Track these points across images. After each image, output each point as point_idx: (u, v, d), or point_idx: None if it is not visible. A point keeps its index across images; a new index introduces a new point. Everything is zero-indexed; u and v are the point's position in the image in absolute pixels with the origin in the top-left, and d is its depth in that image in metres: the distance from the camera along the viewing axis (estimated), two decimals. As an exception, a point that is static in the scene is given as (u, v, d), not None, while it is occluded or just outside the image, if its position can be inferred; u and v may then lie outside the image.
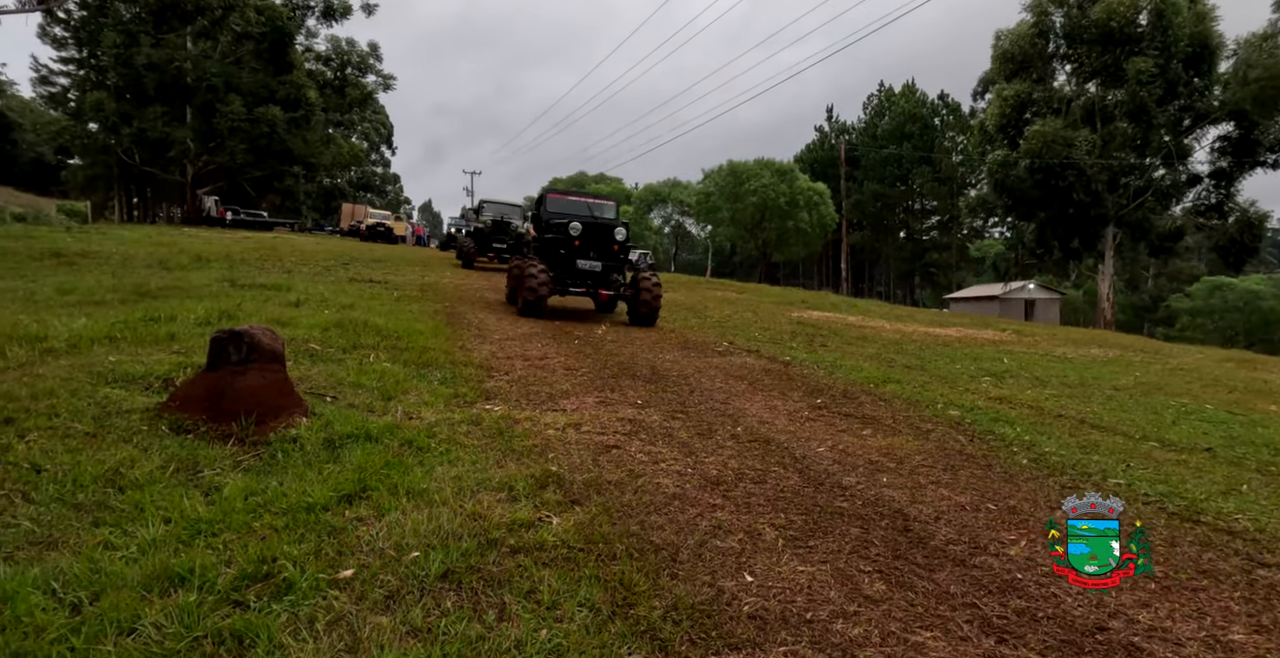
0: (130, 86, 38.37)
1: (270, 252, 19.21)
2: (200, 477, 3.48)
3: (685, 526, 3.30)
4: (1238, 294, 48.95)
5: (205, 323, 6.85)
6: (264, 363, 4.44)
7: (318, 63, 48.23)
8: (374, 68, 51.30)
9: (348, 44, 49.17)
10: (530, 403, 5.44)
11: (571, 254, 10.93)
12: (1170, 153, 29.22)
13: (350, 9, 44.81)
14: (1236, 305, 48.95)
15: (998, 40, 31.26)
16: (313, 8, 45.09)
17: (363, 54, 49.99)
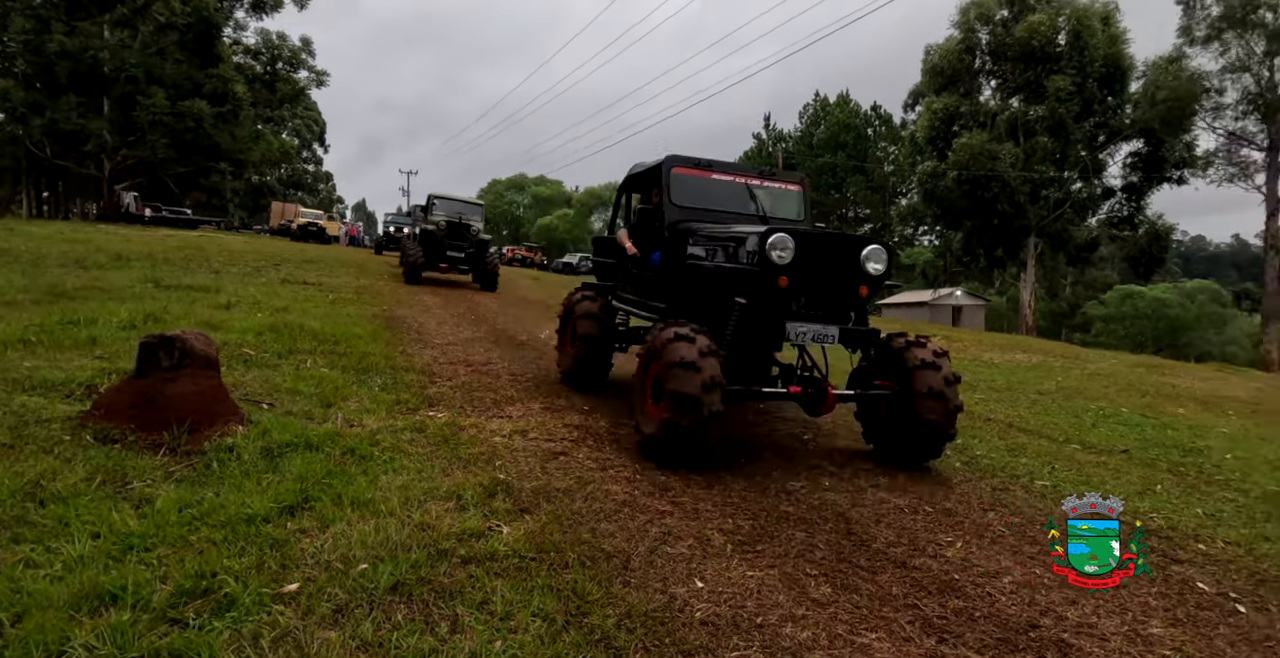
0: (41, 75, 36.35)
1: (196, 251, 18.44)
2: (129, 489, 3.33)
3: (636, 532, 3.32)
4: (1147, 302, 51.77)
5: (129, 326, 6.56)
6: (197, 369, 4.28)
7: (247, 56, 46.64)
8: (306, 63, 49.89)
9: (279, 38, 47.70)
10: (475, 410, 5.38)
11: None
12: (1087, 167, 30.71)
13: (281, 2, 43.50)
14: (1146, 313, 51.75)
15: (927, 55, 32.35)
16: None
17: (294, 49, 48.56)
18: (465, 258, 17.05)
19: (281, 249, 24.20)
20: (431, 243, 16.98)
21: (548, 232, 57.71)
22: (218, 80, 38.93)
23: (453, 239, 17.05)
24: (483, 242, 17.32)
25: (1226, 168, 27.39)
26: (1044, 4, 29.46)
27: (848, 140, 59.98)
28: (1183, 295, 53.38)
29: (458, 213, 17.91)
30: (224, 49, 41.52)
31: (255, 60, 47.37)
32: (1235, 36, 25.57)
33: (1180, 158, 28.78)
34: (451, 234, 17.05)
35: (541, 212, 63.19)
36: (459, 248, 17.04)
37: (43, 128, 35.28)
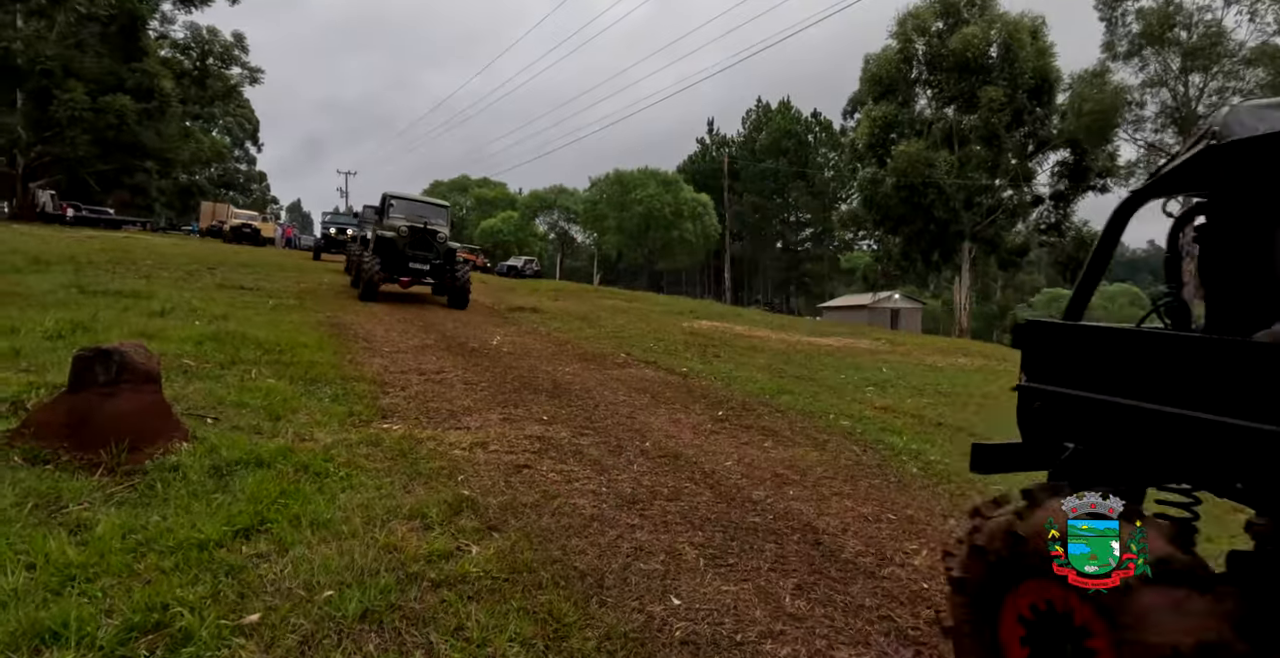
0: (-52, 66, 34.31)
1: (122, 254, 17.62)
2: (65, 513, 3.13)
3: (607, 549, 3.26)
4: (1072, 305, 54.04)
5: (56, 336, 6.20)
6: (136, 383, 4.05)
7: (174, 51, 44.90)
8: (239, 59, 48.38)
9: (209, 32, 46.09)
10: (431, 421, 5.24)
11: None
12: (1017, 175, 31.90)
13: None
14: (1071, 315, 54.00)
15: (867, 64, 33.17)
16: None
17: (226, 44, 47.02)
18: (431, 270, 14.32)
19: (214, 252, 23.33)
20: (390, 252, 14.00)
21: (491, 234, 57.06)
22: (142, 75, 37.35)
23: (416, 248, 14.19)
24: (450, 250, 14.63)
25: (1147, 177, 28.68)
26: (977, 17, 30.50)
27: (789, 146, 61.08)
28: (1105, 299, 55.90)
29: (420, 216, 15.04)
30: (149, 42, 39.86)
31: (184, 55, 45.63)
32: (1154, 53, 26.90)
33: (1104, 167, 30.14)
34: (415, 242, 14.15)
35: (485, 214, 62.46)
36: (423, 258, 14.21)
37: (-51, 122, 33.29)
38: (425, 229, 14.33)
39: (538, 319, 14.09)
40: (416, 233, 14.22)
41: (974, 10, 30.90)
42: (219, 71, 47.52)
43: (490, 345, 9.21)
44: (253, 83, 49.73)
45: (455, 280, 14.44)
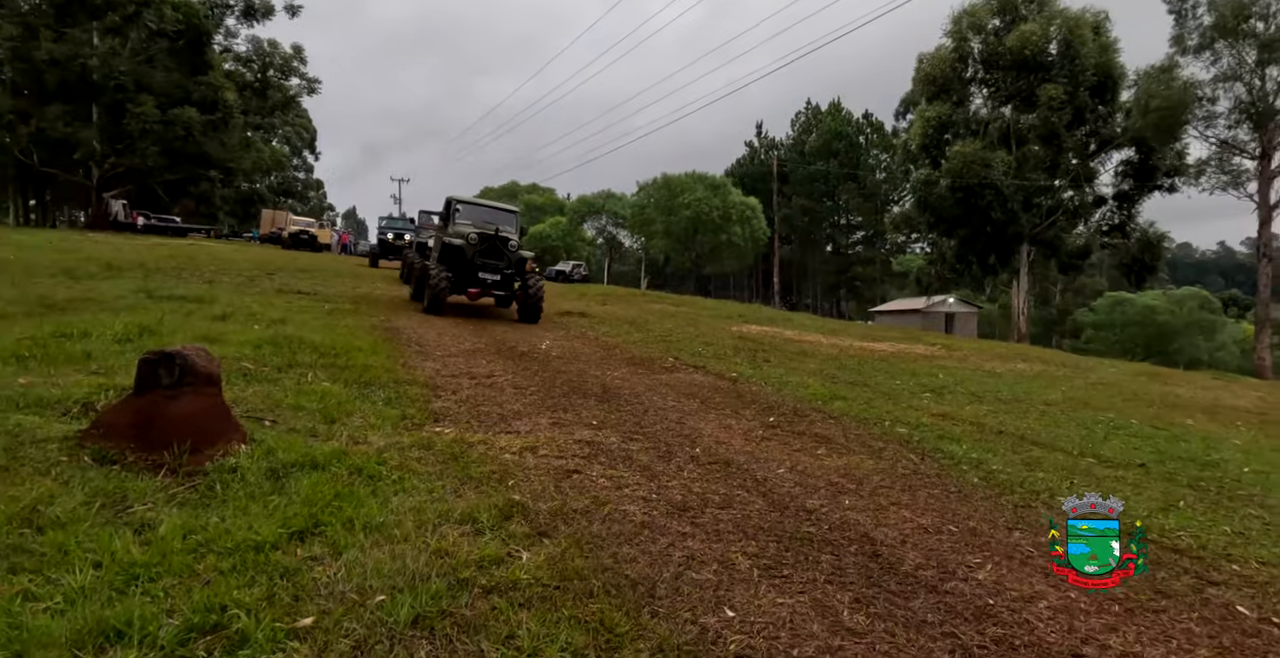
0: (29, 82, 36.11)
1: (187, 260, 18.28)
2: (130, 513, 3.20)
3: (658, 557, 3.20)
4: (1137, 309, 52.07)
5: (124, 339, 6.41)
6: (198, 386, 4.14)
7: (237, 64, 46.54)
8: (298, 71, 49.91)
9: (270, 45, 47.70)
10: (482, 425, 5.26)
11: None
12: (1078, 175, 30.89)
13: (273, 9, 43.46)
14: (1136, 319, 52.05)
15: (920, 64, 32.52)
16: (232, 6, 43.53)
17: (286, 56, 48.56)
18: (501, 281, 13.14)
19: (273, 258, 24.03)
20: (458, 261, 12.89)
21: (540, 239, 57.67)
22: (207, 88, 38.78)
23: (487, 256, 12.98)
24: (521, 260, 13.44)
25: (1219, 176, 27.58)
26: (1035, 13, 29.67)
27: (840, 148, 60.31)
28: (1172, 302, 53.72)
29: (489, 222, 13.86)
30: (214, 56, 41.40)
31: (246, 68, 47.25)
32: (1227, 46, 25.78)
33: (1171, 166, 28.98)
34: (486, 250, 12.95)
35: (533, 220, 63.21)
36: (494, 268, 13.00)
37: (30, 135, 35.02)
38: (497, 236, 13.09)
39: (586, 323, 14.12)
40: (487, 240, 13.01)
41: (1032, 7, 30.07)
42: (279, 83, 49.08)
43: (539, 350, 9.25)
44: (311, 93, 51.24)
45: (528, 292, 13.15)
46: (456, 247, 12.93)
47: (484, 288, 13.10)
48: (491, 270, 13.07)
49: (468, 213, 14.42)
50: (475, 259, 12.91)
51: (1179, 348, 49.60)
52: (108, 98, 36.19)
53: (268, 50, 47.39)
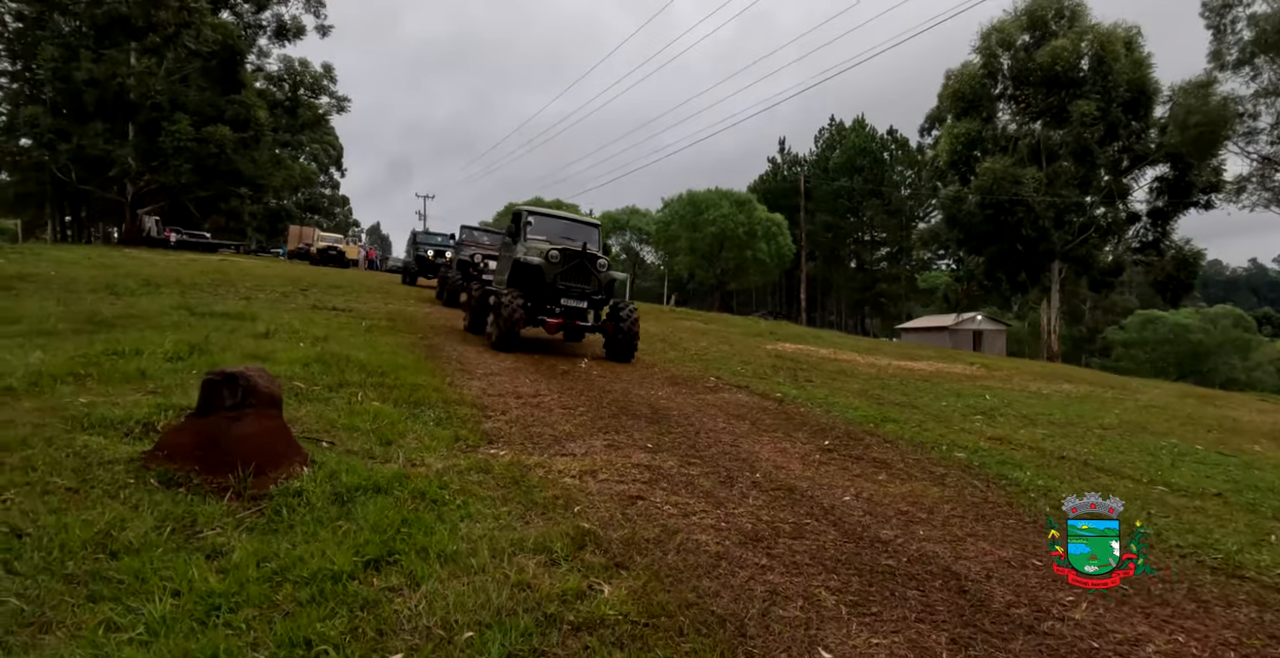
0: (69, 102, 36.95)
1: (221, 276, 18.47)
2: (200, 538, 3.15)
3: (741, 592, 3.09)
4: (1168, 327, 51.14)
5: (175, 357, 6.42)
6: (261, 407, 4.10)
7: (268, 83, 47.37)
8: (328, 89, 50.69)
9: (300, 64, 48.48)
10: (536, 447, 5.18)
11: None
12: (1111, 192, 30.51)
13: (304, 29, 44.26)
14: (1167, 338, 51.11)
15: (948, 80, 32.36)
16: (265, 27, 44.42)
17: (316, 75, 49.32)
18: (590, 307, 10.60)
19: (304, 274, 24.25)
20: (534, 284, 10.17)
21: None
22: (240, 106, 39.44)
23: (572, 279, 10.23)
24: (611, 282, 10.98)
25: (1261, 192, 27.08)
26: (1066, 29, 29.47)
27: (864, 164, 60.12)
28: (1205, 320, 52.71)
29: (568, 237, 11.25)
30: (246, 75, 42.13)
31: (277, 86, 48.07)
32: (1267, 61, 25.41)
33: (1208, 182, 28.53)
34: (571, 271, 10.19)
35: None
36: (580, 293, 10.24)
37: (69, 153, 35.76)
38: (584, 253, 10.31)
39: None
40: (572, 258, 10.21)
41: (1063, 23, 29.88)
42: (308, 101, 49.87)
43: (579, 368, 9.19)
44: (340, 111, 52.01)
45: (620, 324, 10.41)
46: (533, 266, 10.00)
47: (568, 317, 10.21)
48: (577, 296, 10.20)
49: (541, 226, 11.33)
50: (557, 282, 10.02)
51: (1213, 368, 48.61)
52: (143, 116, 36.93)
53: (298, 69, 48.18)
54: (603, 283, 10.62)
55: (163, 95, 36.45)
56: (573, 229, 11.71)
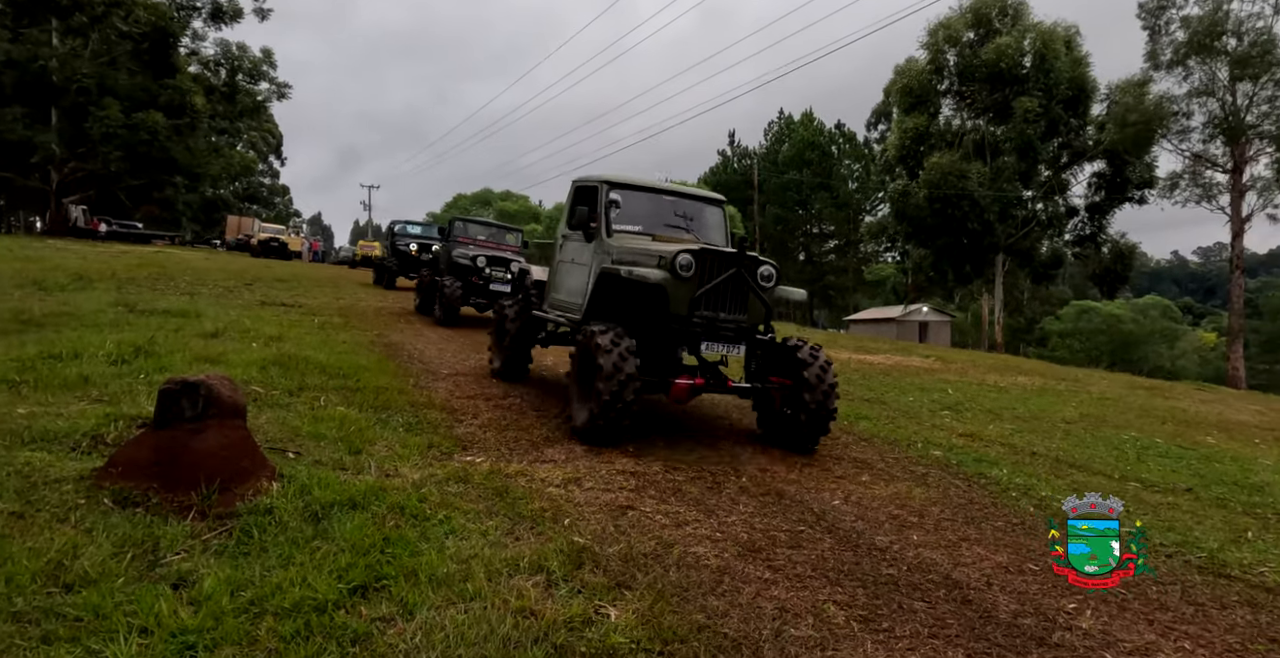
0: (-16, 84, 34.83)
1: (159, 269, 17.64)
2: (165, 565, 2.90)
3: (750, 610, 2.97)
4: (1102, 318, 53.05)
5: (119, 360, 6.01)
6: (224, 418, 3.83)
7: (204, 68, 45.39)
8: (267, 75, 48.81)
9: (239, 49, 46.56)
10: (515, 454, 4.99)
11: None
12: (1051, 187, 31.40)
13: (241, 12, 42.44)
14: (1101, 328, 53.01)
15: (897, 76, 32.79)
16: (199, 8, 42.48)
17: (255, 60, 47.41)
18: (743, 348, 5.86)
19: (246, 267, 23.40)
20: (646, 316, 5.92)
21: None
22: (174, 91, 37.73)
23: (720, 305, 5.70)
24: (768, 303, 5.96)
25: (1193, 189, 28.21)
26: (1009, 27, 30.12)
27: (812, 158, 60.67)
28: (1136, 311, 54.84)
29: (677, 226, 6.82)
30: (180, 59, 40.32)
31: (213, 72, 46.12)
32: (1199, 62, 26.39)
33: (1142, 178, 29.58)
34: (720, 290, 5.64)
35: (507, 227, 62.63)
36: (734, 329, 5.73)
37: (-15, 138, 33.73)
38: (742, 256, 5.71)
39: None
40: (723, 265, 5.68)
41: (1006, 21, 30.52)
42: (247, 87, 47.96)
43: (545, 365, 8.97)
44: (280, 98, 50.07)
45: (807, 383, 5.61)
46: (650, 285, 5.52)
47: (711, 376, 5.84)
48: (729, 335, 5.73)
49: (633, 208, 6.65)
50: (696, 310, 5.56)
51: (1142, 356, 50.60)
52: (68, 100, 35.02)
53: (236, 54, 46.23)
54: (768, 308, 5.98)
55: (90, 79, 34.60)
56: (682, 207, 6.87)
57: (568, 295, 6.72)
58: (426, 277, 13.98)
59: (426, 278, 13.93)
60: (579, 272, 6.55)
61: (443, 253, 14.30)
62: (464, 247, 13.49)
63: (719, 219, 7.08)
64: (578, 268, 6.62)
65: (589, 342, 5.30)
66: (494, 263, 12.52)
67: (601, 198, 6.46)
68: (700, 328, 5.53)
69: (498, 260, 12.61)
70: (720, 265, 5.54)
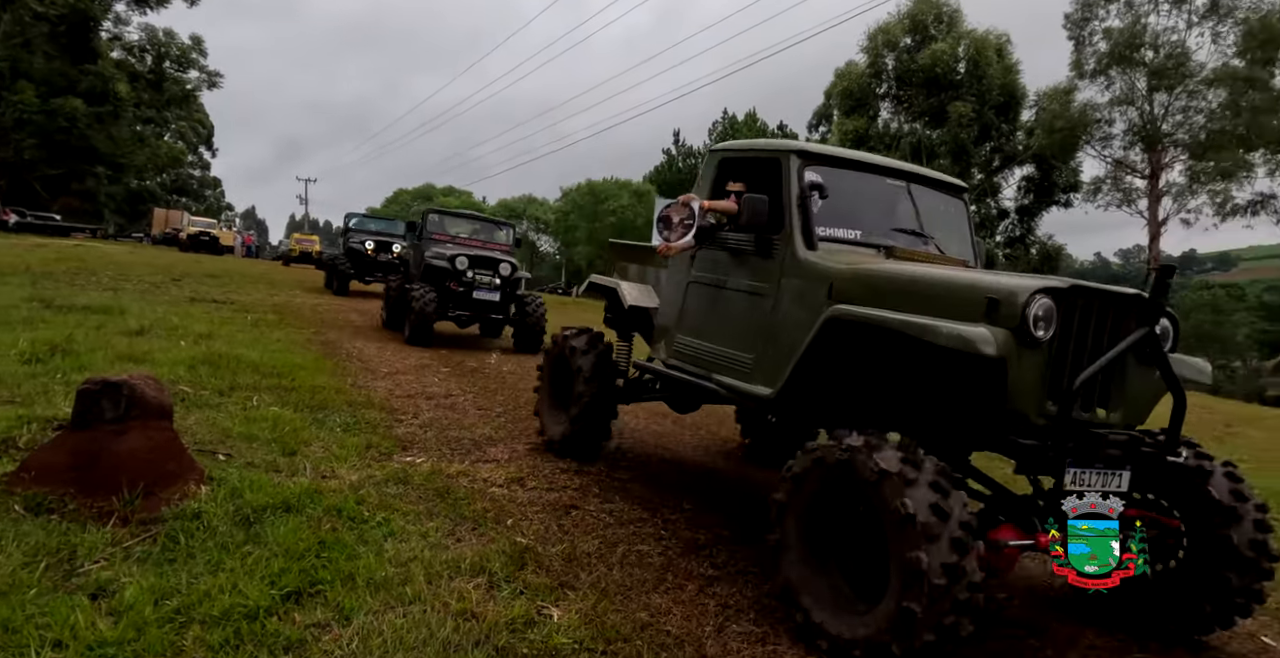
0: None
1: (78, 263, 16.79)
2: (82, 574, 2.76)
3: (693, 607, 2.99)
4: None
5: (33, 360, 5.71)
6: (148, 419, 3.67)
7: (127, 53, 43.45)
8: (197, 63, 47.03)
9: (166, 35, 44.71)
10: (456, 453, 4.91)
11: None
12: (984, 189, 32.47)
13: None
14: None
15: (838, 78, 33.48)
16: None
17: (184, 47, 45.60)
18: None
19: (175, 261, 22.49)
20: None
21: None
22: (96, 77, 36.09)
23: None
24: None
25: (1114, 193, 29.58)
26: (945, 33, 31.01)
27: (756, 158, 61.42)
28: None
29: None
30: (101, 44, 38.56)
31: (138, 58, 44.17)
32: (1120, 72, 27.66)
33: (1068, 182, 30.86)
34: None
35: (450, 223, 61.67)
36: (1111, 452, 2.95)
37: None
38: None
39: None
40: None
41: (941, 27, 31.43)
42: (175, 75, 46.12)
43: (489, 364, 8.87)
44: (211, 87, 48.40)
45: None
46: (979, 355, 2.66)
47: None
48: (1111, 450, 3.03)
49: (844, 208, 3.93)
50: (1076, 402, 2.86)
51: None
52: (-23, 84, 33.21)
53: (163, 40, 44.40)
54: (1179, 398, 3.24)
55: (2, 62, 32.82)
56: (920, 200, 4.25)
57: (722, 343, 4.03)
58: (395, 283, 11.55)
59: (395, 285, 11.44)
60: (747, 306, 3.93)
61: (413, 253, 12.07)
62: (438, 246, 11.10)
63: (963, 220, 4.53)
64: (742, 299, 3.97)
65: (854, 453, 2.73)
66: (478, 264, 10.30)
67: (791, 180, 3.78)
68: (1073, 444, 2.90)
69: (483, 261, 10.41)
70: (1110, 316, 2.98)
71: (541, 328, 10.58)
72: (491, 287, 10.28)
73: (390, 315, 11.51)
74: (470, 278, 10.19)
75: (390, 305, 11.48)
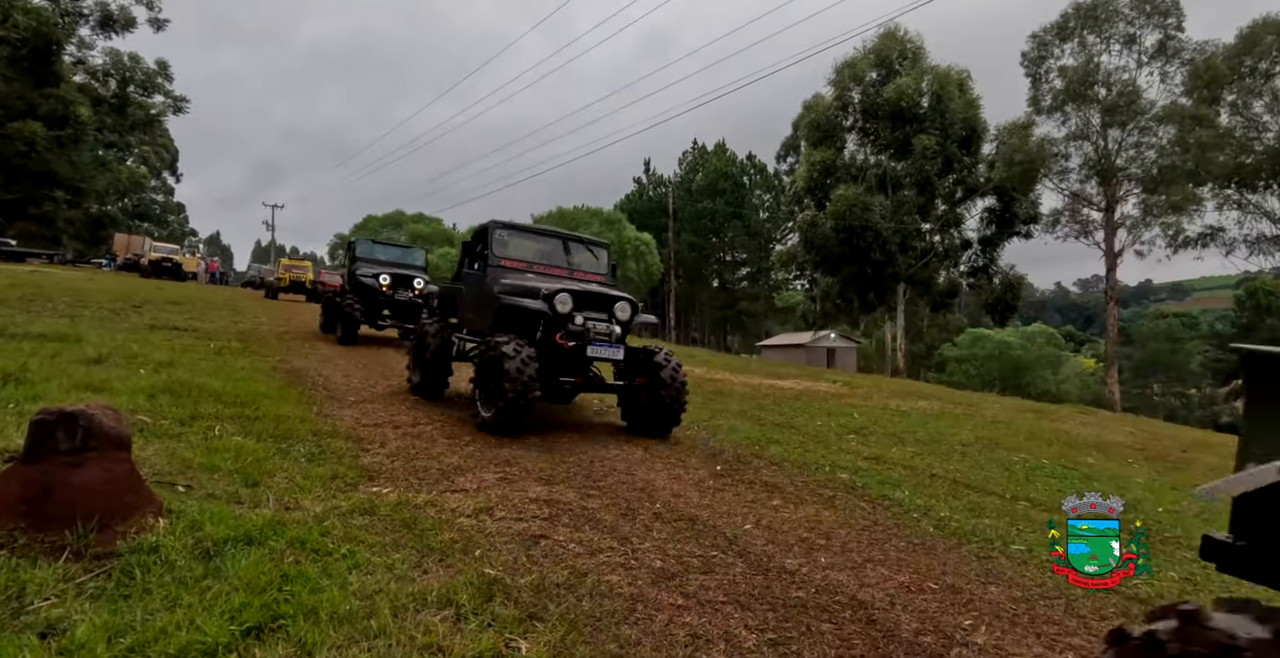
0: None
1: (35, 289, 16.40)
2: (31, 611, 2.67)
3: (663, 638, 2.97)
4: (994, 344, 56.19)
5: (-15, 389, 5.54)
6: (105, 451, 3.57)
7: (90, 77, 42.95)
8: (162, 87, 46.61)
9: (130, 59, 44.33)
10: (423, 483, 4.85)
11: None
12: (947, 220, 33.24)
13: (134, 21, 40.57)
14: (993, 354, 56.11)
15: (805, 110, 34.22)
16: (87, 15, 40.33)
17: (149, 72, 45.24)
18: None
19: (136, 288, 22.06)
20: None
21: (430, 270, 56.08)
22: (57, 101, 35.58)
23: None
24: None
25: (1072, 225, 30.42)
26: (909, 68, 31.91)
27: (725, 187, 62.24)
28: (1024, 338, 58.26)
29: None
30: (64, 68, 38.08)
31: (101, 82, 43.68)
32: (1075, 109, 28.66)
33: (1028, 214, 31.69)
34: None
35: (419, 250, 61.40)
36: None
37: None
38: None
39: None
40: None
41: (905, 63, 32.35)
42: (140, 100, 45.65)
43: (455, 390, 8.78)
44: (177, 112, 47.92)
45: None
46: None
47: None
48: None
49: None
50: None
51: (1030, 381, 53.71)
52: (-66, 106, 32.55)
53: (127, 64, 44.00)
54: None
55: (-40, 84, 32.28)
56: None
57: None
58: (433, 336, 8.27)
59: (434, 331, 8.31)
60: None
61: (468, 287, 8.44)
62: (513, 275, 7.75)
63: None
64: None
65: None
66: (586, 304, 6.97)
67: None
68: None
69: (592, 300, 7.01)
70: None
71: (682, 403, 7.24)
72: (612, 338, 6.99)
73: (427, 379, 8.26)
74: (580, 326, 6.90)
75: (426, 364, 8.24)
